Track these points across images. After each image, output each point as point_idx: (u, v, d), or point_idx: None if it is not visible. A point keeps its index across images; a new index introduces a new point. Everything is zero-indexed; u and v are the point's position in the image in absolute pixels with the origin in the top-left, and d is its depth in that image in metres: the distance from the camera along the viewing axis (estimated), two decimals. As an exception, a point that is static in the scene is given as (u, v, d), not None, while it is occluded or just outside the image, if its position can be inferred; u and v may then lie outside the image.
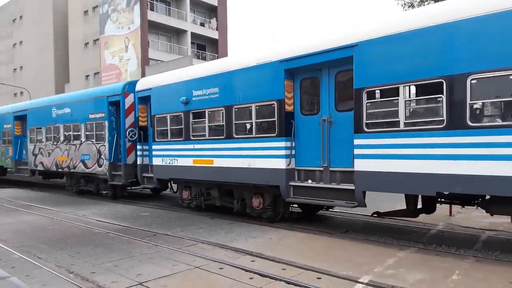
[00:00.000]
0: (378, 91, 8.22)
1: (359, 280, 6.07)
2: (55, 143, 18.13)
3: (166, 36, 46.61)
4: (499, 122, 6.95)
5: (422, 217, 10.58)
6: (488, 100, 7.12)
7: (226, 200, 11.78)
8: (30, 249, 8.31)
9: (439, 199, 8.53)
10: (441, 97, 7.24)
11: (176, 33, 46.86)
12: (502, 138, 6.61)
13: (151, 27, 43.66)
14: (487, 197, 7.64)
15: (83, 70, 51.50)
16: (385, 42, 7.97)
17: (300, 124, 9.75)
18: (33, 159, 19.90)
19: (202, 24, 49.10)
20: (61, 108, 17.61)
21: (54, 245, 8.57)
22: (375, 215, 9.75)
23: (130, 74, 43.31)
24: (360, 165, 8.34)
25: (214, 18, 50.19)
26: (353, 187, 8.51)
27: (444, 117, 7.18)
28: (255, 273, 6.47)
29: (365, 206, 8.63)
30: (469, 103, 6.93)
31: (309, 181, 9.56)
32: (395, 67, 7.81)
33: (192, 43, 47.25)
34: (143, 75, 37.84)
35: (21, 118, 21.23)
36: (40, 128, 19.20)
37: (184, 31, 46.38)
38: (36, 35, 58.24)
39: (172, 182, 14.06)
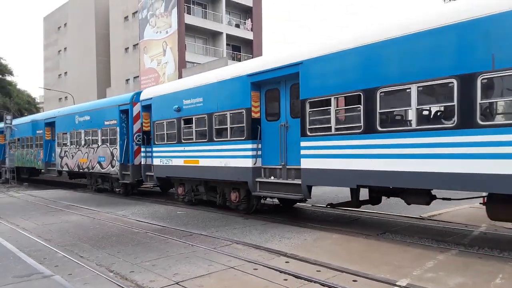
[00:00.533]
0: (317, 101, 10.30)
1: (396, 284, 6.10)
2: (77, 147, 21.44)
3: (202, 38, 49.43)
4: (398, 127, 8.89)
5: (464, 219, 11.41)
6: (391, 109, 9.09)
7: (211, 195, 14.25)
8: (73, 248, 8.88)
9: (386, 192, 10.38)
10: (359, 107, 9.26)
11: (212, 36, 49.66)
12: (400, 140, 8.56)
13: (187, 31, 46.50)
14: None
15: (124, 74, 55.31)
16: (320, 61, 10.10)
17: (266, 128, 11.99)
18: (60, 161, 23.43)
19: (237, 26, 51.65)
20: (82, 116, 20.91)
21: (96, 244, 9.15)
22: (329, 206, 11.74)
23: (167, 77, 46.13)
24: (304, 164, 10.50)
25: (249, 19, 52.58)
26: (300, 182, 10.65)
27: (362, 123, 9.19)
28: (289, 274, 6.67)
29: (310, 197, 10.80)
30: (379, 112, 8.92)
31: (272, 177, 11.77)
32: (328, 82, 9.94)
33: (227, 44, 49.75)
34: (180, 78, 40.42)
35: (50, 124, 24.84)
36: (66, 133, 22.64)
37: (220, 33, 49.03)
38: (79, 42, 63.36)
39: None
